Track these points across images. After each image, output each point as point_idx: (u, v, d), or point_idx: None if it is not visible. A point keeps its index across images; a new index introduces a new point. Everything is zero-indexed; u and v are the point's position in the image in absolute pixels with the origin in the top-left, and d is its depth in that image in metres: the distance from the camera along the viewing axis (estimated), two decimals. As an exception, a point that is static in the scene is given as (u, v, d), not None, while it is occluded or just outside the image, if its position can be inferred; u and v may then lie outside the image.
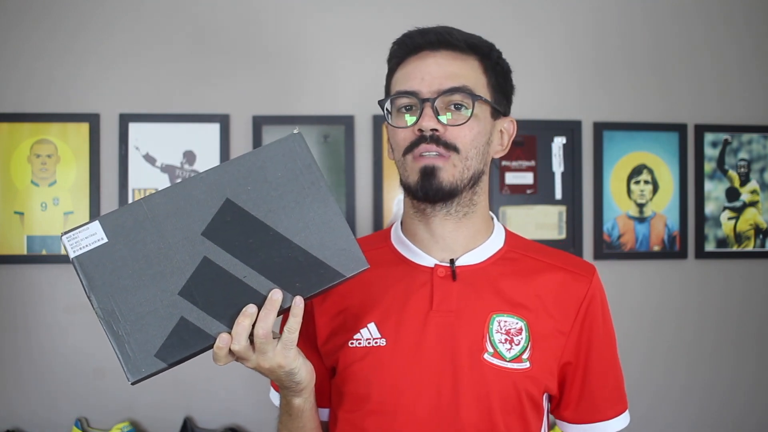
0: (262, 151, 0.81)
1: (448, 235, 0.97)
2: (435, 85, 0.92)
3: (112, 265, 0.77)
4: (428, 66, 0.94)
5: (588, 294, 0.98)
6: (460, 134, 0.92)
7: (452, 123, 0.92)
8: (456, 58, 0.94)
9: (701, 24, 2.18)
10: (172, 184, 0.80)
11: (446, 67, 0.93)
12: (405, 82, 0.95)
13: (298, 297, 0.79)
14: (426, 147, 0.91)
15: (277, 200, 0.80)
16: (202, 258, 0.78)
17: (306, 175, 0.81)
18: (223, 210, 0.79)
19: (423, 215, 0.97)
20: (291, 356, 0.81)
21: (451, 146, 0.92)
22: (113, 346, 0.77)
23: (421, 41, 0.95)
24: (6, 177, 2.00)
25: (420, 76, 0.93)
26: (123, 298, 0.77)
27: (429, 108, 0.91)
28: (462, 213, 0.96)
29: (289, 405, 0.91)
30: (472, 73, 0.95)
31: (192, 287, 0.78)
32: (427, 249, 0.98)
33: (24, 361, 2.00)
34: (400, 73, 0.97)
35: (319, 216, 0.80)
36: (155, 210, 0.78)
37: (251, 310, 0.77)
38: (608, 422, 1.00)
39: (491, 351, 0.92)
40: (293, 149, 0.81)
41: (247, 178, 0.80)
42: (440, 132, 0.91)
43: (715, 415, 2.18)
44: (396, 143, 0.96)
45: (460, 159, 0.92)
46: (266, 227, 0.79)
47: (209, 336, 0.77)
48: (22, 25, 2.02)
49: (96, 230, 0.78)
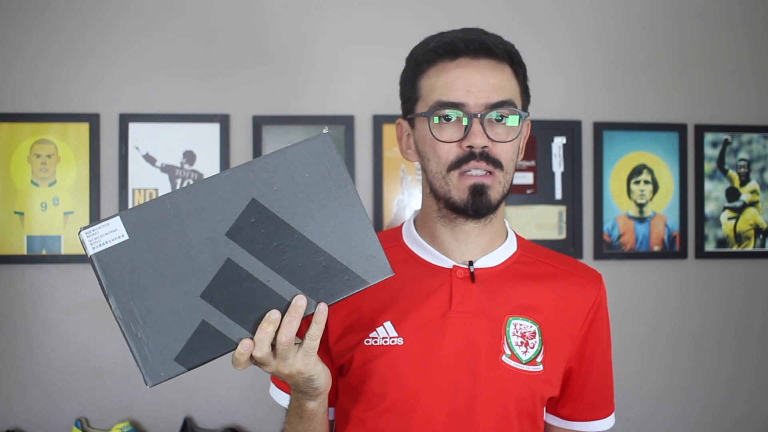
0: (290, 150, 0.77)
1: (472, 240, 0.97)
2: (482, 98, 0.90)
3: (132, 264, 0.73)
4: (473, 77, 0.91)
5: (597, 300, 1.00)
6: (504, 150, 0.91)
7: (500, 139, 0.91)
8: (496, 68, 0.92)
9: (701, 24, 2.18)
10: (196, 181, 0.76)
11: (490, 78, 0.91)
12: (447, 92, 0.91)
13: (322, 304, 0.77)
14: (476, 164, 0.90)
15: (303, 202, 0.76)
16: (225, 259, 0.75)
17: (334, 177, 0.77)
18: (249, 210, 0.75)
19: (450, 222, 0.96)
20: (311, 363, 0.79)
21: (497, 163, 0.91)
22: (131, 348, 0.74)
23: (463, 47, 0.92)
24: (6, 177, 2.00)
25: (465, 88, 0.90)
26: (143, 299, 0.73)
27: (479, 124, 0.89)
28: (488, 219, 0.96)
29: (301, 408, 0.89)
30: (511, 83, 0.94)
31: (214, 290, 0.75)
32: (446, 251, 0.98)
33: (24, 361, 2.00)
34: (439, 80, 0.92)
35: (346, 220, 0.77)
36: (178, 207, 0.75)
37: (275, 316, 0.75)
38: (599, 422, 1.02)
39: (509, 353, 0.93)
40: (322, 150, 0.77)
41: (273, 177, 0.76)
42: (489, 148, 0.90)
43: (715, 415, 2.18)
44: (436, 155, 0.93)
45: (503, 174, 0.92)
46: (292, 230, 0.76)
47: (231, 341, 0.75)
48: (22, 25, 2.02)
49: (117, 226, 0.74)
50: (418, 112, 0.95)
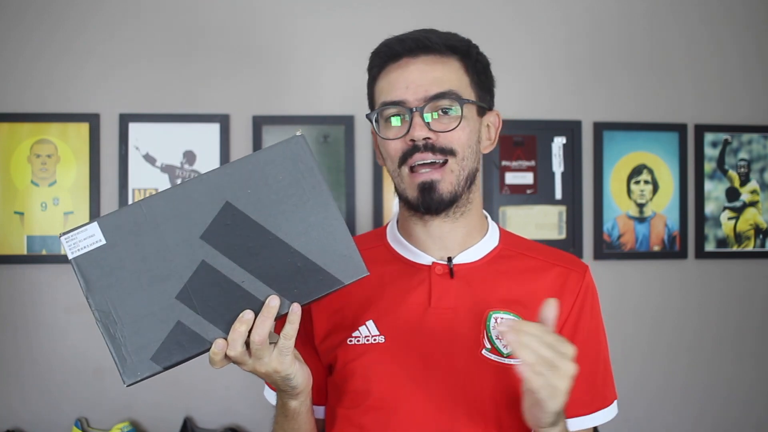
0: (264, 154, 0.79)
1: (446, 235, 0.98)
2: (420, 92, 0.92)
3: (109, 267, 0.76)
4: (411, 73, 0.93)
5: (582, 290, 1.00)
6: (454, 137, 0.93)
7: (443, 129, 0.92)
8: (437, 61, 0.94)
9: (701, 24, 2.18)
10: (172, 186, 0.79)
11: (429, 72, 0.93)
12: (389, 92, 0.94)
13: (295, 304, 0.78)
14: (421, 156, 0.92)
15: (277, 204, 0.78)
16: (200, 262, 0.77)
17: (308, 178, 0.79)
18: (223, 213, 0.77)
19: (420, 219, 0.98)
20: (287, 362, 0.81)
21: (447, 150, 0.92)
22: (109, 348, 0.77)
23: (400, 48, 0.95)
24: (6, 177, 2.00)
25: (404, 85, 0.93)
26: (120, 301, 0.76)
27: (418, 117, 0.91)
28: (459, 213, 0.97)
29: (285, 407, 0.91)
30: (455, 75, 0.95)
31: (189, 291, 0.77)
32: (424, 248, 0.99)
33: (24, 361, 2.00)
34: (383, 83, 0.96)
35: (319, 221, 0.79)
36: (154, 212, 0.77)
37: (248, 316, 0.76)
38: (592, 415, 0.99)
39: (489, 347, 0.93)
40: (295, 152, 0.79)
41: (247, 180, 0.78)
42: (433, 139, 0.92)
43: (715, 415, 2.18)
44: (388, 154, 0.96)
45: (457, 162, 0.93)
46: (266, 231, 0.78)
47: (205, 341, 0.77)
48: (22, 25, 2.02)
49: (94, 231, 0.77)
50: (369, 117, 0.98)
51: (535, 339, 0.76)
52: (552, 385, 0.76)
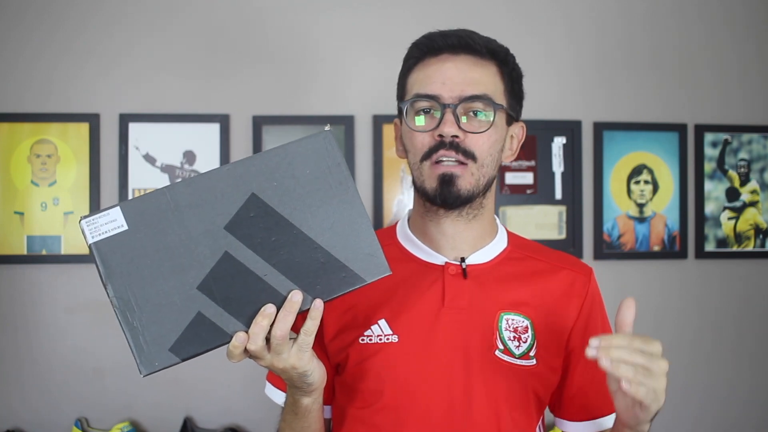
0: (291, 147, 0.78)
1: (458, 235, 0.98)
2: (456, 90, 0.92)
3: (131, 254, 0.74)
4: (449, 70, 0.93)
5: (589, 293, 1.01)
6: (479, 142, 0.93)
7: (473, 130, 0.92)
8: (476, 63, 0.94)
9: (701, 24, 2.19)
10: (197, 174, 0.77)
11: (467, 72, 0.93)
12: (426, 84, 0.94)
13: (317, 300, 0.77)
14: (445, 153, 0.92)
15: (303, 198, 0.77)
16: (223, 253, 0.76)
17: (335, 174, 0.78)
18: (248, 205, 0.76)
19: (435, 215, 0.98)
20: (306, 358, 0.80)
21: (469, 154, 0.92)
22: (127, 337, 0.74)
23: (442, 43, 0.94)
24: (6, 177, 2.00)
25: (441, 80, 0.93)
26: (140, 289, 0.74)
27: (450, 114, 0.91)
28: (472, 215, 0.97)
29: (296, 404, 0.90)
30: (492, 79, 0.95)
31: (211, 282, 0.75)
32: (436, 247, 0.99)
33: (24, 361, 2.00)
34: (420, 75, 0.96)
35: (345, 217, 0.78)
36: (178, 200, 0.75)
37: (270, 310, 0.75)
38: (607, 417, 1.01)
39: (501, 348, 0.94)
40: (323, 146, 0.78)
41: (274, 173, 0.77)
42: (460, 139, 0.92)
43: (715, 415, 2.18)
44: (413, 146, 0.96)
45: (477, 167, 0.93)
46: (290, 225, 0.77)
47: (226, 333, 0.76)
48: (22, 25, 2.02)
49: (116, 216, 0.75)
50: (400, 106, 0.98)
51: (625, 351, 0.76)
52: (653, 390, 0.77)
